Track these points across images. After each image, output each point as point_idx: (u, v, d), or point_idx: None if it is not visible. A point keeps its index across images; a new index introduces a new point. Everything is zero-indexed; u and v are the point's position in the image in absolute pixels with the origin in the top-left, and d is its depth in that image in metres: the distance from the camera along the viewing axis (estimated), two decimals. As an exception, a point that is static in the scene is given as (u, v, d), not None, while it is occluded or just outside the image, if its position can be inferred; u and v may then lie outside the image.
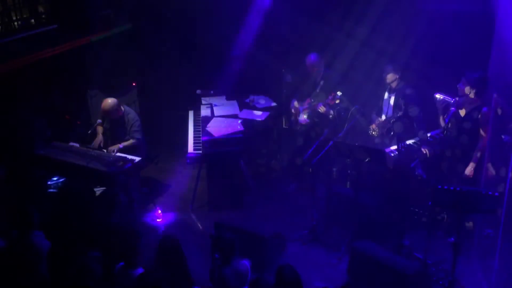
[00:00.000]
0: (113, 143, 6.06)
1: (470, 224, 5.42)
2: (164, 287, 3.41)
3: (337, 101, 6.08)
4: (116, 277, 3.88)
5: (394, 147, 5.65)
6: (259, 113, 6.87)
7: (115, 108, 5.97)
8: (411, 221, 5.62)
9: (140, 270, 3.81)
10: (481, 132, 5.14)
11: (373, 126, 6.15)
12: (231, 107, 6.90)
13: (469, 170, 5.19)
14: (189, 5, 7.42)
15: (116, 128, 6.15)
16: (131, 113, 6.19)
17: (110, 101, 5.95)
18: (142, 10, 7.41)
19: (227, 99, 7.19)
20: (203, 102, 7.01)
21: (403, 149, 5.25)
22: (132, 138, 6.11)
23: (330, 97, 6.08)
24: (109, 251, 3.99)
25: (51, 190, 6.22)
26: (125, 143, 6.07)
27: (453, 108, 5.22)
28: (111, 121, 6.13)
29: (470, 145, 5.28)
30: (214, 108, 6.84)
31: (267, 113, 6.86)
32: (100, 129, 6.26)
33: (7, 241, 4.24)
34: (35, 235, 4.11)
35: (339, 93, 6.02)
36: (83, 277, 3.46)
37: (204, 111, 6.77)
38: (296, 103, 6.77)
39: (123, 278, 3.83)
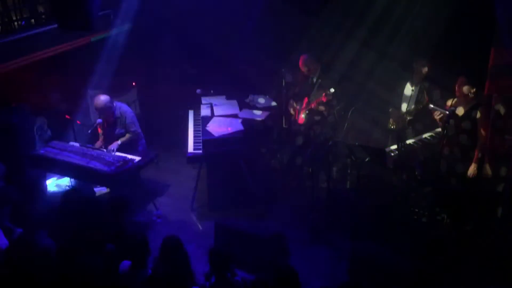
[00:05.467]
0: (111, 141, 6.06)
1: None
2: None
3: (330, 97, 6.11)
4: (124, 277, 3.88)
5: (394, 147, 5.65)
6: (259, 112, 6.87)
7: (108, 105, 5.95)
8: (411, 221, 5.62)
9: (148, 271, 3.82)
10: (481, 131, 5.14)
11: (395, 115, 6.12)
12: (231, 107, 6.90)
13: (472, 170, 5.17)
14: (189, 5, 7.41)
15: (110, 126, 6.13)
16: (123, 106, 6.17)
17: (102, 98, 5.93)
18: (142, 10, 7.40)
19: (227, 98, 7.19)
20: (203, 101, 7.01)
21: (403, 149, 5.25)
22: (129, 132, 6.10)
23: (323, 95, 6.14)
24: (119, 252, 4.01)
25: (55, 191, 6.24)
26: (123, 139, 6.07)
27: (452, 108, 5.22)
28: (104, 120, 6.09)
29: (469, 144, 5.28)
30: (214, 108, 6.84)
31: (267, 113, 6.86)
32: (101, 132, 6.25)
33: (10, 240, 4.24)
34: (38, 235, 4.11)
35: (332, 89, 6.05)
36: (85, 277, 3.46)
37: (204, 111, 6.77)
38: (294, 104, 6.78)
39: (131, 278, 3.83)
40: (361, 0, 6.73)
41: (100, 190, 6.45)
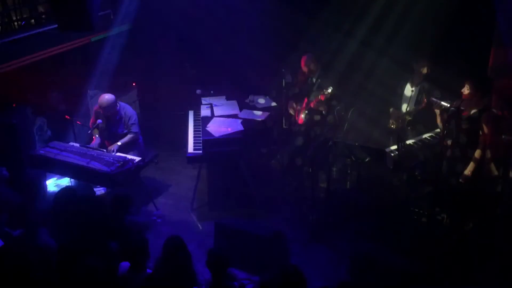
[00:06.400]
0: (110, 140, 6.07)
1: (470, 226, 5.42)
2: None
3: (328, 96, 6.13)
4: (123, 278, 3.87)
5: (394, 147, 5.65)
6: (259, 113, 6.87)
7: (112, 104, 5.98)
8: (411, 221, 5.62)
9: (147, 272, 3.81)
10: (482, 132, 5.14)
11: (395, 115, 6.15)
12: (231, 107, 6.90)
13: (469, 170, 5.18)
14: (189, 5, 7.42)
15: (113, 124, 6.16)
16: (127, 107, 6.22)
17: (107, 96, 5.97)
18: (142, 11, 7.41)
19: (227, 99, 7.19)
20: (203, 102, 7.01)
21: (403, 149, 5.25)
22: (130, 132, 6.13)
23: (321, 93, 6.16)
24: (119, 253, 4.00)
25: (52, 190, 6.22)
26: (123, 140, 6.09)
27: (453, 108, 5.22)
28: (106, 117, 6.11)
29: (469, 145, 5.28)
30: (214, 108, 6.83)
31: (267, 113, 6.86)
32: (95, 131, 6.25)
33: (7, 240, 4.24)
34: (41, 233, 4.11)
35: (329, 89, 6.08)
36: (87, 278, 3.45)
37: (204, 111, 6.77)
38: (294, 104, 6.78)
39: (130, 280, 3.83)
40: (361, 0, 6.73)
41: (100, 190, 6.45)
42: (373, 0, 6.61)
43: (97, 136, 6.18)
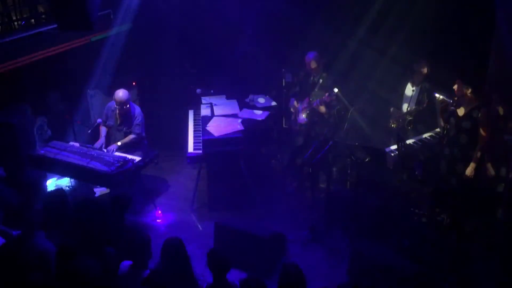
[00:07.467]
0: (118, 139, 6.13)
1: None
2: None
3: (334, 98, 6.11)
4: (124, 276, 3.87)
5: (394, 147, 5.65)
6: (259, 112, 6.86)
7: (126, 100, 6.10)
8: (411, 221, 5.62)
9: (148, 272, 3.81)
10: (481, 131, 5.13)
11: (395, 115, 6.16)
12: (231, 107, 6.89)
13: (469, 170, 5.16)
14: (189, 5, 7.42)
15: (123, 122, 6.23)
16: (137, 108, 6.33)
17: (123, 91, 6.12)
18: (142, 10, 7.40)
19: (227, 98, 7.19)
20: (203, 101, 7.01)
21: (403, 149, 5.25)
22: (133, 132, 6.19)
23: (326, 95, 6.12)
24: (120, 252, 4.00)
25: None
26: (124, 140, 6.13)
27: (452, 108, 5.22)
28: (121, 114, 6.19)
29: (469, 144, 5.27)
30: (214, 108, 6.83)
31: (267, 113, 6.85)
32: (103, 131, 6.27)
33: (7, 239, 4.23)
34: (37, 236, 4.09)
35: (335, 89, 6.05)
36: (83, 279, 3.44)
37: (204, 111, 6.77)
38: (295, 103, 6.78)
39: (131, 278, 3.82)
40: (361, 0, 6.73)
41: (100, 191, 6.45)
42: (373, 0, 6.60)
43: (103, 137, 6.21)
